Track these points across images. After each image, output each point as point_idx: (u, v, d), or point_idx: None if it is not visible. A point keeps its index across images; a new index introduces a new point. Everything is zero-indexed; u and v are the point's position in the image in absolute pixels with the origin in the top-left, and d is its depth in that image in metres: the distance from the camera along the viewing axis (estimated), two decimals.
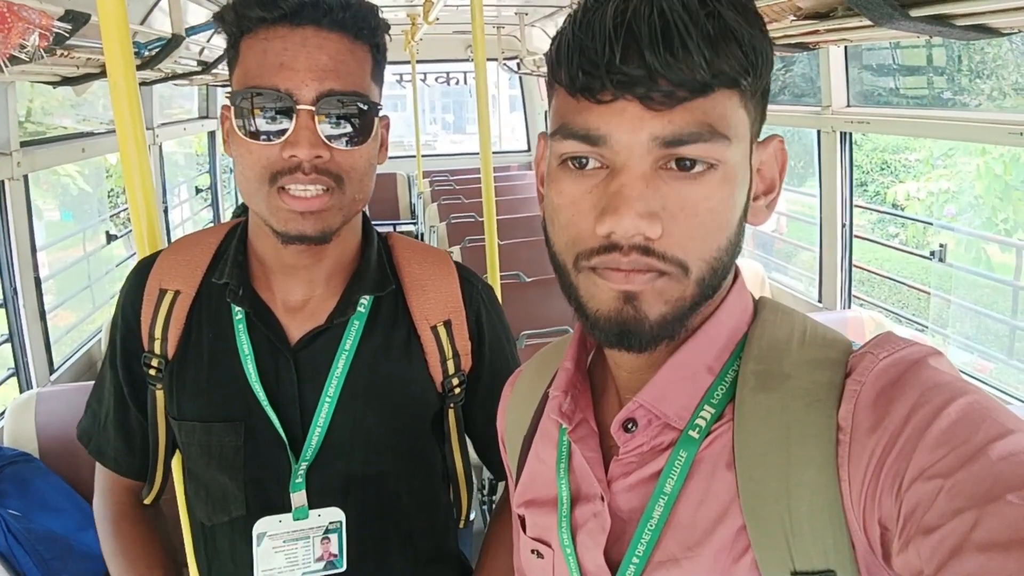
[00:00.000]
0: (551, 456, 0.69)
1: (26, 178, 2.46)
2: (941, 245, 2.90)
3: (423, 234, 5.81)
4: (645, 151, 0.52)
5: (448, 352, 0.99)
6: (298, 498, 0.93)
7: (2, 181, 2.33)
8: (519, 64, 6.21)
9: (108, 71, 1.06)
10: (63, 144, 2.86)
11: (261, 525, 0.93)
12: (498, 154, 7.53)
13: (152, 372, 0.96)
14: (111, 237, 3.61)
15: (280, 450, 0.92)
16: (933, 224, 8.05)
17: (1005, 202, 7.71)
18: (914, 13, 1.51)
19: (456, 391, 1.01)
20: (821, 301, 3.07)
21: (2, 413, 2.31)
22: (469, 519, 1.11)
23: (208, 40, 3.02)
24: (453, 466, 1.05)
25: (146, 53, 2.49)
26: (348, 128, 0.84)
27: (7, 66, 1.50)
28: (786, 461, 0.53)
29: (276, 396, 0.93)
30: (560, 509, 0.66)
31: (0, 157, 2.31)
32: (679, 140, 0.52)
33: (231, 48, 0.87)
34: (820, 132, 2.89)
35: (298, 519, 0.93)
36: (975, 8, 1.46)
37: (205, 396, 0.94)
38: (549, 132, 0.59)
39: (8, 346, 2.46)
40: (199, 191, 5.34)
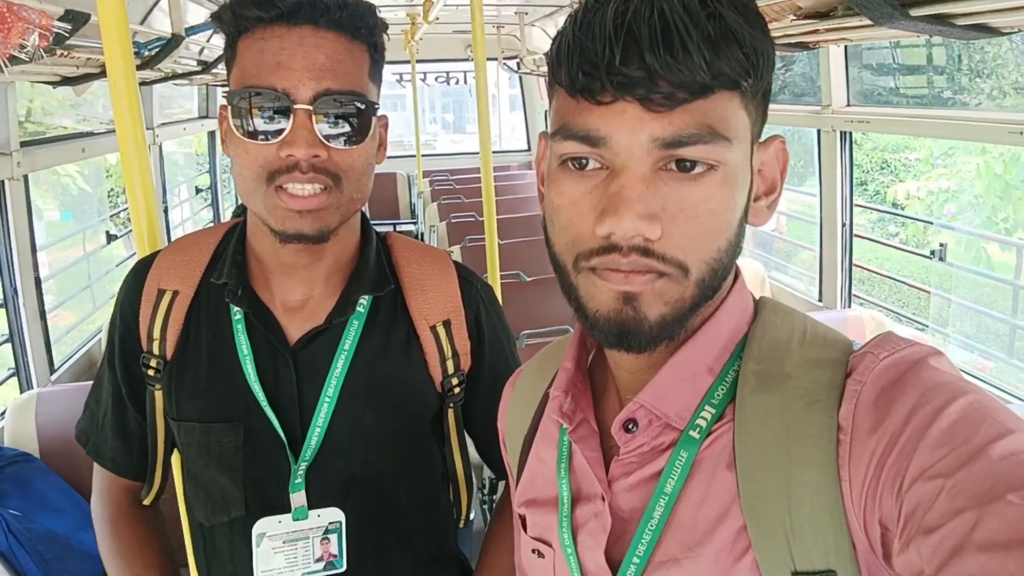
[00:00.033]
0: (552, 456, 0.69)
1: (26, 178, 2.46)
2: (941, 244, 2.91)
3: (423, 234, 5.81)
4: (645, 152, 0.52)
5: (447, 352, 0.99)
6: (297, 498, 0.93)
7: (2, 181, 2.33)
8: (519, 63, 6.20)
9: (108, 71, 1.06)
10: (63, 144, 2.86)
11: (260, 526, 0.92)
12: (498, 153, 7.53)
13: (151, 372, 0.96)
14: (111, 237, 3.61)
15: (279, 450, 0.92)
16: (933, 223, 8.05)
17: (1005, 201, 7.71)
18: (914, 12, 1.51)
19: (455, 391, 1.00)
20: (821, 300, 3.07)
21: (2, 413, 2.31)
22: (469, 519, 1.11)
23: (208, 40, 3.02)
24: (453, 466, 1.05)
25: (146, 53, 2.49)
26: (346, 127, 0.84)
27: (7, 66, 1.50)
28: (787, 461, 0.53)
29: (275, 396, 0.92)
30: (561, 509, 0.66)
31: (0, 157, 2.31)
32: (679, 141, 0.52)
33: (229, 48, 0.87)
34: (820, 131, 2.89)
35: (297, 519, 0.93)
36: (975, 7, 1.46)
37: (204, 396, 0.94)
38: (549, 133, 0.58)
39: (8, 346, 2.46)
40: (199, 191, 5.34)
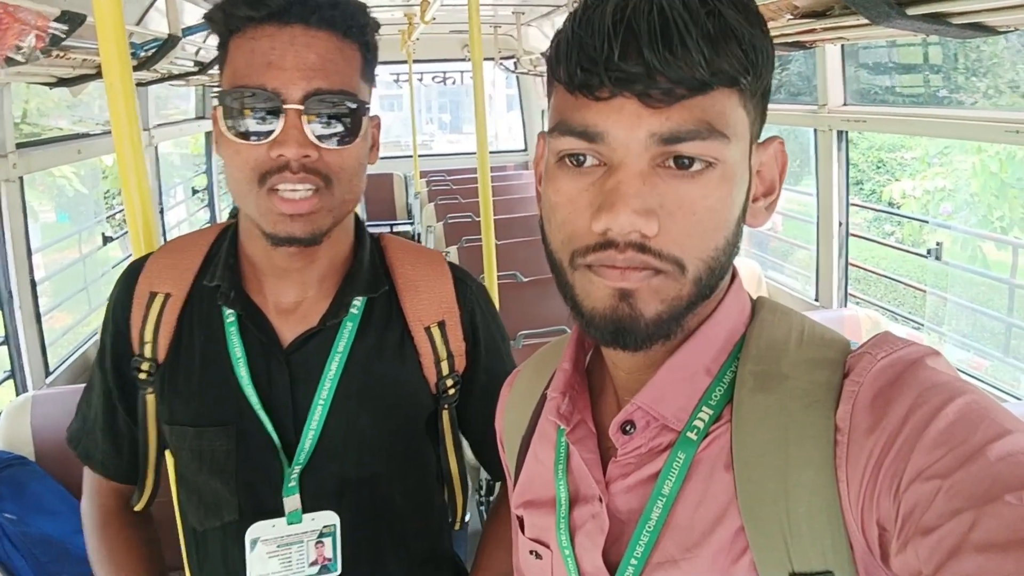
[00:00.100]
0: (549, 457, 0.68)
1: (22, 180, 2.45)
2: (937, 243, 2.92)
3: (420, 234, 5.80)
4: (643, 148, 0.52)
5: (442, 353, 0.98)
6: (291, 502, 0.92)
7: None
8: (516, 63, 6.21)
9: (104, 72, 1.05)
10: (59, 145, 2.85)
11: (254, 530, 0.92)
12: (495, 154, 7.52)
13: (143, 376, 0.95)
14: (107, 239, 3.60)
15: (273, 454, 0.92)
16: (929, 222, 8.06)
17: (1001, 200, 7.72)
18: (911, 11, 1.51)
19: (450, 392, 1.00)
20: (818, 299, 3.07)
21: None
22: (464, 520, 1.10)
23: (204, 41, 3.02)
24: (448, 468, 1.05)
25: (142, 54, 2.49)
26: (337, 127, 0.83)
27: (3, 67, 1.49)
28: (784, 462, 0.53)
29: (269, 399, 0.92)
30: (558, 510, 0.66)
31: None
32: (677, 137, 0.52)
33: (221, 48, 0.86)
34: (817, 131, 2.89)
35: (292, 523, 0.92)
36: (971, 6, 1.46)
37: (196, 400, 0.93)
38: (547, 129, 0.58)
39: (4, 349, 2.45)
40: (195, 192, 5.33)
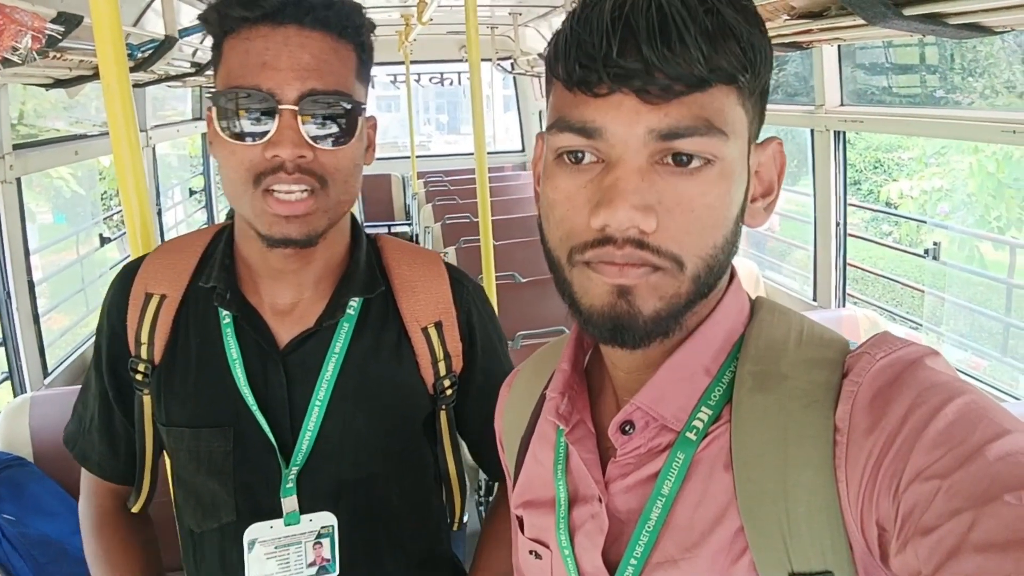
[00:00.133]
0: (548, 457, 0.68)
1: (19, 181, 2.44)
2: (935, 243, 2.92)
3: (418, 235, 5.80)
4: (641, 144, 0.52)
5: (439, 353, 0.98)
6: (289, 503, 0.92)
7: None
8: (513, 64, 6.21)
9: (101, 73, 1.05)
10: (56, 147, 2.85)
11: (252, 532, 0.92)
12: (492, 154, 7.52)
13: (139, 377, 0.95)
14: (105, 240, 3.60)
15: (270, 455, 0.92)
16: (927, 222, 8.07)
17: (998, 200, 7.73)
18: (907, 12, 1.51)
19: (448, 392, 1.00)
20: (816, 300, 3.08)
21: None
22: (463, 521, 1.10)
23: (201, 42, 3.01)
24: (446, 468, 1.04)
25: (139, 55, 2.48)
26: (332, 128, 0.83)
27: None
28: (783, 462, 0.53)
29: (265, 400, 0.92)
30: (558, 510, 0.66)
31: None
32: (675, 133, 0.52)
33: (215, 49, 0.86)
34: (814, 131, 2.89)
35: (289, 524, 0.92)
36: (968, 7, 1.46)
37: (193, 401, 0.93)
38: (545, 127, 0.58)
39: (2, 350, 2.45)
40: (193, 193, 5.32)
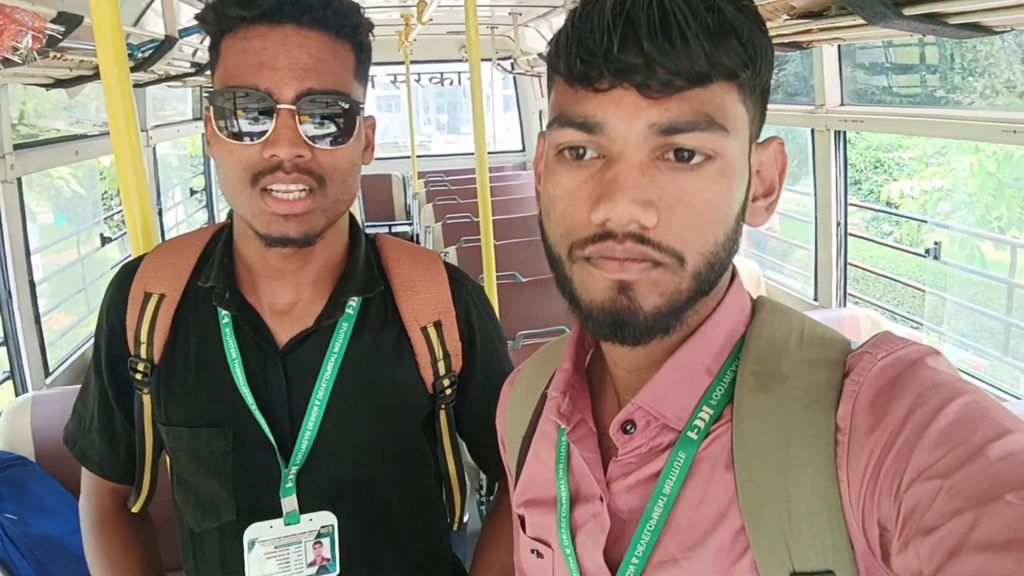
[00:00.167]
0: (550, 456, 0.68)
1: (19, 181, 2.45)
2: (936, 243, 2.92)
3: (419, 235, 5.80)
4: (642, 139, 0.52)
5: (439, 353, 0.98)
6: (288, 503, 0.92)
7: None
8: (513, 64, 6.21)
9: (101, 73, 1.05)
10: (56, 147, 2.85)
11: (252, 532, 0.92)
12: (493, 154, 7.53)
13: (138, 377, 0.95)
14: (105, 240, 3.60)
15: (269, 455, 0.92)
16: (927, 222, 8.07)
17: (999, 199, 7.73)
18: (907, 12, 1.51)
19: (447, 392, 1.00)
20: (817, 299, 3.08)
21: None
22: (463, 521, 1.10)
23: (201, 42, 3.01)
24: (446, 468, 1.04)
25: (139, 55, 2.48)
26: (330, 128, 0.83)
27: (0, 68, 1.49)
28: (785, 462, 0.53)
29: (264, 400, 0.92)
30: (559, 509, 0.66)
31: None
32: (676, 128, 0.52)
33: (212, 49, 0.85)
34: (814, 131, 2.89)
35: (289, 524, 0.92)
36: (967, 7, 1.46)
37: (192, 401, 0.93)
38: (546, 124, 0.58)
39: (3, 350, 2.45)
40: (193, 192, 5.32)
